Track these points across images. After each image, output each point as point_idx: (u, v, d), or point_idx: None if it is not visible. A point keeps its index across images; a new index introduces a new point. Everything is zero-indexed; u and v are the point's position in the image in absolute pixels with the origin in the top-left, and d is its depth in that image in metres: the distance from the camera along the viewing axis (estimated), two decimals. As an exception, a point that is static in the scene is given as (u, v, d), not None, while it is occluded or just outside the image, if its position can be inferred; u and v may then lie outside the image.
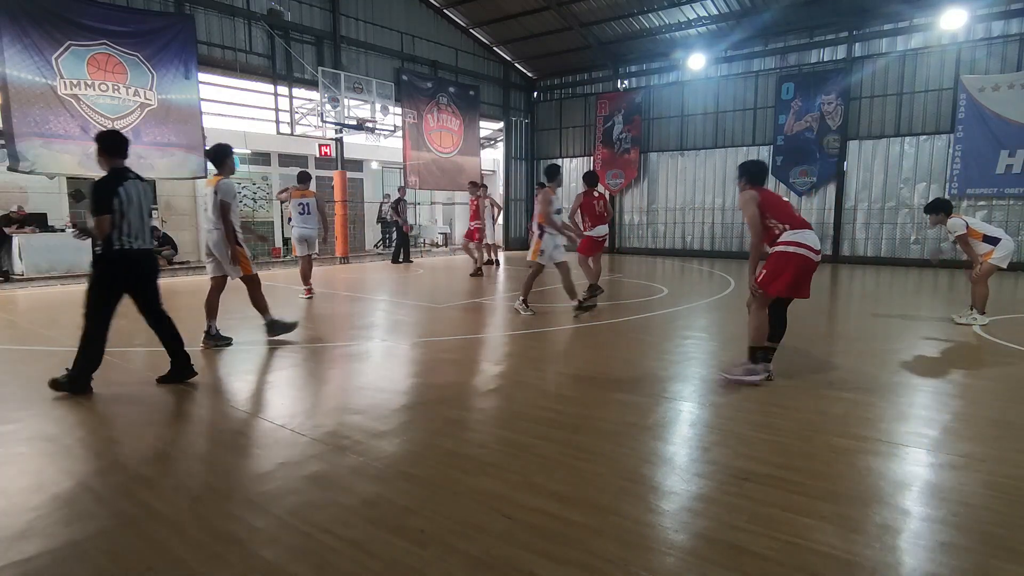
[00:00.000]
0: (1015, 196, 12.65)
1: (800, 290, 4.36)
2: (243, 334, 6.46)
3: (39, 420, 3.78)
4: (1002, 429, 3.59)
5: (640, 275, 12.40)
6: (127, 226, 4.15)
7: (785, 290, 4.27)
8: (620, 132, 18.00)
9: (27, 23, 9.85)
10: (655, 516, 2.56)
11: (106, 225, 4.02)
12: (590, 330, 6.62)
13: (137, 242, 4.23)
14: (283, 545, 2.33)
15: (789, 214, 4.47)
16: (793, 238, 4.29)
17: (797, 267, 4.23)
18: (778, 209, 4.48)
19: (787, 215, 4.45)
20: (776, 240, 4.34)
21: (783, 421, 3.72)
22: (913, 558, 2.25)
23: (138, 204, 4.23)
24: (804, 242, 4.27)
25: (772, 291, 4.29)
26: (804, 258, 4.24)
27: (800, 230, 4.34)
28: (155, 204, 13.55)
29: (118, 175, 4.17)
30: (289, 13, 13.48)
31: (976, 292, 6.69)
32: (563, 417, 3.79)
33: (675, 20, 15.80)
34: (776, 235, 4.36)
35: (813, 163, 14.90)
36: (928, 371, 5.13)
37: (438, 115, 16.80)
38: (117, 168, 4.22)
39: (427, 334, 6.48)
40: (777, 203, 4.56)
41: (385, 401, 4.16)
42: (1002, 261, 6.55)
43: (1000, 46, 12.74)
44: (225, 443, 3.37)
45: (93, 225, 4.07)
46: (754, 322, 4.39)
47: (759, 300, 4.36)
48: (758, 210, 4.39)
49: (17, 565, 2.20)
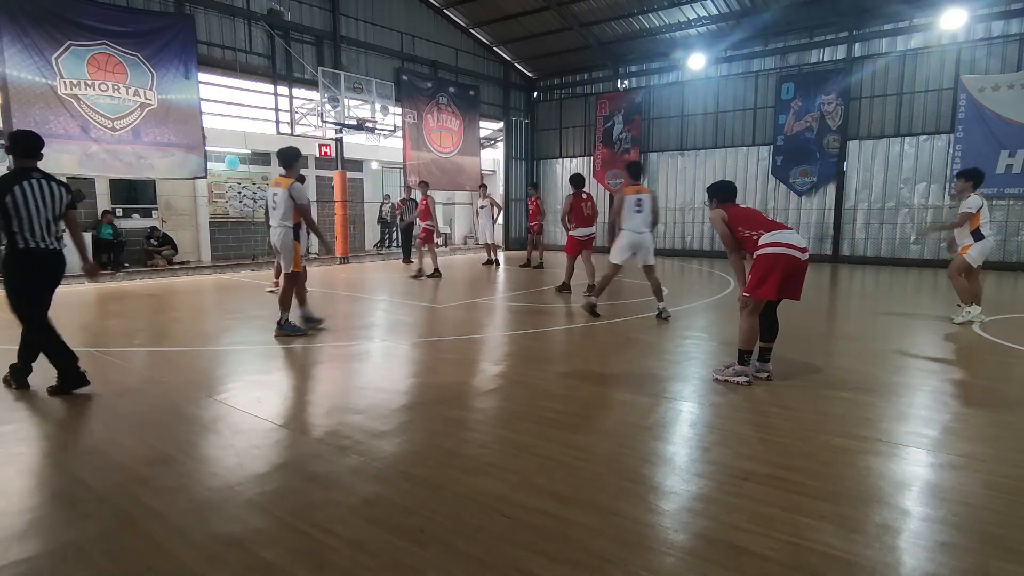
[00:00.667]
0: (1015, 196, 12.65)
1: (790, 290, 4.39)
2: (244, 334, 6.47)
3: (39, 420, 3.78)
4: (1002, 429, 3.60)
5: (640, 275, 12.37)
6: (24, 225, 4.05)
7: (775, 292, 4.30)
8: (620, 132, 18.00)
9: (27, 23, 9.85)
10: (655, 516, 2.56)
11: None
12: (590, 330, 6.63)
13: (42, 243, 4.14)
14: (283, 545, 2.33)
15: (759, 221, 4.57)
16: (773, 239, 4.34)
17: (784, 267, 4.26)
18: (747, 219, 4.59)
19: (757, 222, 4.54)
20: (757, 245, 4.39)
21: (783, 421, 3.72)
22: (913, 558, 2.25)
23: (36, 205, 4.07)
24: (786, 241, 4.32)
25: (762, 294, 4.32)
26: (789, 257, 4.27)
27: (777, 231, 4.40)
28: (155, 204, 13.56)
29: (17, 175, 4.09)
30: (289, 13, 13.48)
31: (957, 286, 6.81)
32: (563, 417, 3.79)
33: (675, 20, 15.80)
34: (755, 241, 4.42)
35: (813, 163, 14.90)
36: (928, 371, 5.13)
37: (438, 115, 16.80)
38: (21, 168, 4.14)
39: (427, 334, 6.48)
40: (746, 214, 4.69)
41: (385, 401, 4.16)
42: (976, 260, 6.67)
43: (1000, 46, 12.74)
44: (225, 443, 3.37)
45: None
46: (745, 326, 4.44)
47: (751, 306, 4.41)
48: (727, 226, 4.57)
49: (17, 565, 2.20)
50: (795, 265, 4.31)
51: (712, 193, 4.83)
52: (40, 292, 4.24)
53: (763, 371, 4.58)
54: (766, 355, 4.60)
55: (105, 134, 10.80)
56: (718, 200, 4.75)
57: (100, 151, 10.77)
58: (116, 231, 12.30)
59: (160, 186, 13.43)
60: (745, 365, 4.45)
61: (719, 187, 4.84)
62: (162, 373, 4.87)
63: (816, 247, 15.06)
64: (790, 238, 4.36)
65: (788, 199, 15.45)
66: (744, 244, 4.53)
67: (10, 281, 4.15)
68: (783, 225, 4.56)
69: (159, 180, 12.86)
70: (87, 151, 10.61)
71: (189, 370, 4.98)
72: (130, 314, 7.71)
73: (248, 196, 15.24)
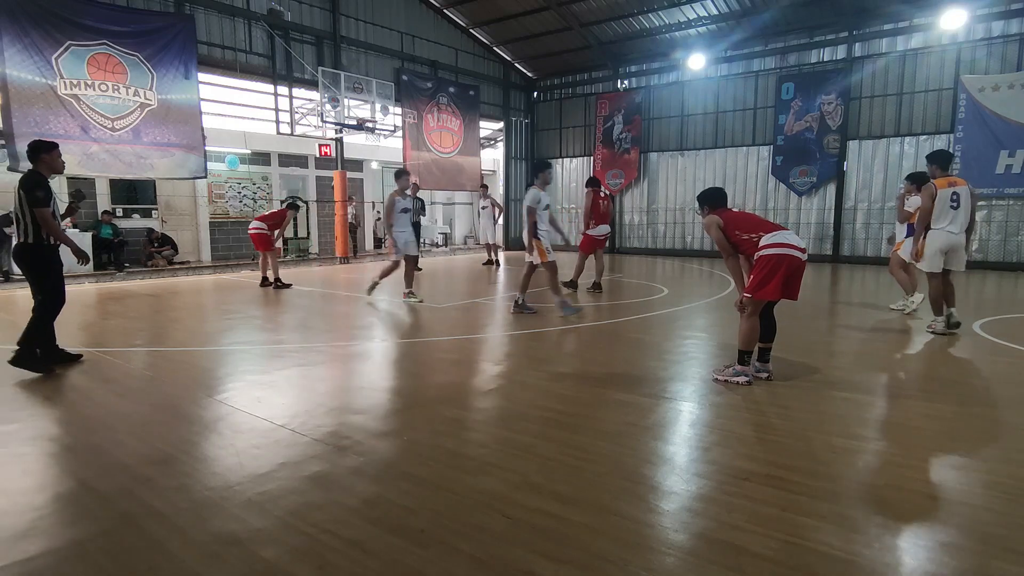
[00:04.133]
0: (1015, 196, 12.65)
1: (790, 291, 4.41)
2: (243, 334, 6.47)
3: (41, 420, 3.78)
4: (1002, 429, 3.60)
5: (640, 275, 12.41)
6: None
7: (778, 292, 4.32)
8: (620, 132, 18.00)
9: (27, 23, 9.86)
10: (655, 516, 2.56)
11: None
12: (590, 330, 6.63)
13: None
14: (283, 545, 2.33)
15: (757, 223, 4.57)
16: (775, 240, 4.35)
17: (787, 267, 4.28)
18: (745, 222, 4.58)
19: (755, 225, 4.54)
20: (758, 247, 4.40)
21: (783, 421, 3.72)
22: (913, 558, 2.25)
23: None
24: (787, 242, 4.33)
25: (765, 295, 4.33)
26: (792, 257, 4.29)
27: (777, 232, 4.41)
28: (155, 204, 13.56)
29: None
30: (289, 13, 13.48)
31: (897, 279, 7.41)
32: (563, 417, 3.79)
33: (675, 20, 15.80)
34: (755, 243, 4.43)
35: (813, 163, 14.91)
36: (928, 371, 5.13)
37: (438, 115, 16.81)
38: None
39: (427, 334, 6.48)
40: (742, 218, 4.68)
41: (385, 401, 4.16)
42: (906, 255, 6.99)
43: (1000, 46, 12.75)
44: (225, 443, 3.38)
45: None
46: (745, 327, 4.45)
47: (752, 307, 4.41)
48: (722, 232, 4.55)
49: (19, 564, 2.20)
50: (797, 265, 4.32)
51: (703, 200, 4.83)
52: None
53: (763, 371, 4.59)
54: (765, 355, 4.61)
55: (105, 134, 10.80)
56: (710, 206, 4.75)
57: (100, 151, 10.77)
58: (116, 231, 12.31)
59: (160, 186, 13.43)
60: (745, 365, 4.47)
61: (711, 194, 4.84)
62: (162, 373, 4.87)
63: (816, 247, 15.07)
64: (791, 238, 4.37)
65: (788, 199, 15.45)
66: (743, 247, 4.52)
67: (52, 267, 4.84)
68: (781, 226, 4.57)
69: (159, 180, 12.87)
70: (87, 151, 10.61)
71: (189, 370, 4.98)
72: (130, 314, 7.71)
73: (248, 196, 15.24)
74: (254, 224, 9.95)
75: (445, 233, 21.19)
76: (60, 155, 4.88)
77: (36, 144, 4.80)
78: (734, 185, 16.11)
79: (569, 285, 9.26)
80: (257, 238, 9.83)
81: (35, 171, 4.74)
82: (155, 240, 13.02)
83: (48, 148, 4.79)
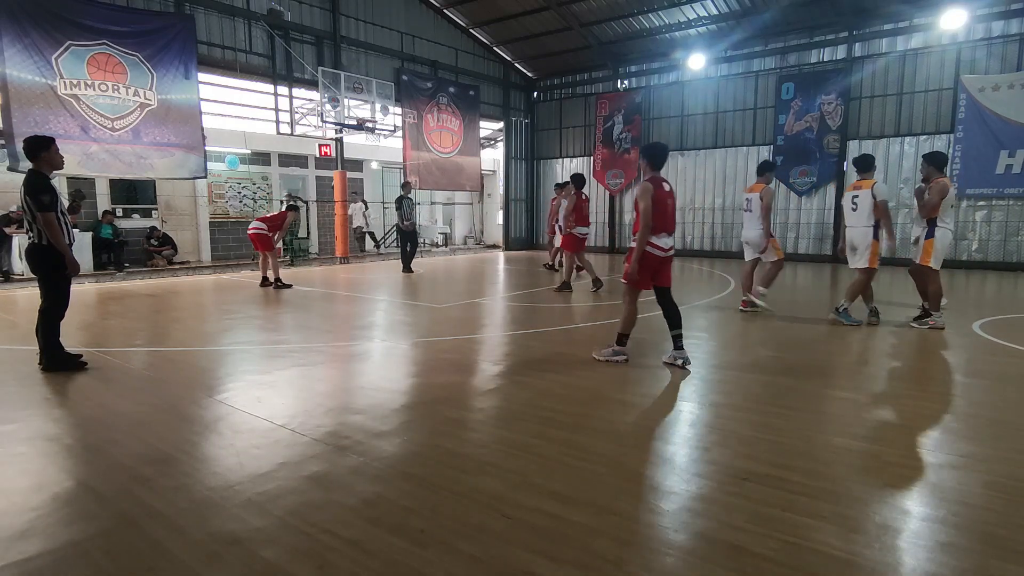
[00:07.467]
0: (1015, 196, 12.64)
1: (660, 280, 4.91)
2: (243, 334, 6.47)
3: (39, 420, 3.78)
4: (1002, 429, 3.60)
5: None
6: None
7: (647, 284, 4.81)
8: (620, 132, 18.00)
9: (27, 23, 9.85)
10: (655, 516, 2.56)
11: None
12: (590, 330, 6.63)
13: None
14: (283, 545, 2.33)
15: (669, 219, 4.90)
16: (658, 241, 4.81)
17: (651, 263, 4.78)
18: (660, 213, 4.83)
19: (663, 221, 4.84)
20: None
21: (783, 421, 3.72)
22: (913, 558, 2.25)
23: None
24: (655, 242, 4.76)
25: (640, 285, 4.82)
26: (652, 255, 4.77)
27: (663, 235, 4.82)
28: (155, 204, 13.56)
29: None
30: (289, 13, 13.48)
31: (931, 291, 6.55)
32: (563, 417, 3.79)
33: (675, 20, 15.80)
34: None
35: (813, 163, 14.90)
36: (928, 371, 5.13)
37: (438, 115, 16.80)
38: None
39: (427, 334, 6.48)
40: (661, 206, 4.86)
41: (385, 401, 4.16)
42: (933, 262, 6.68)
43: (1000, 46, 12.74)
44: (225, 443, 3.37)
45: None
46: (625, 311, 5.00)
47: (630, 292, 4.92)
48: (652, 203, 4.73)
49: (18, 565, 2.20)
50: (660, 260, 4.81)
51: (644, 154, 4.98)
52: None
53: (679, 358, 4.85)
54: (678, 342, 4.92)
55: (105, 134, 10.80)
56: (649, 162, 4.87)
57: (100, 151, 10.77)
58: (116, 231, 12.30)
59: (160, 186, 13.42)
60: (624, 346, 5.06)
61: (654, 149, 4.90)
62: (162, 373, 4.87)
63: (816, 247, 15.07)
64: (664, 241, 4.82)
65: (788, 199, 15.44)
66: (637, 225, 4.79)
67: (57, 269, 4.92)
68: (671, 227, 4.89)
69: (159, 180, 12.86)
70: (87, 151, 10.61)
71: (189, 370, 4.98)
72: (130, 314, 7.71)
73: (248, 196, 15.24)
74: (254, 224, 9.96)
75: (445, 233, 21.18)
76: (58, 149, 4.81)
77: (34, 142, 4.69)
78: (734, 185, 16.11)
79: (563, 287, 9.36)
80: (257, 238, 9.86)
81: (37, 172, 4.68)
82: (156, 238, 13.01)
83: (46, 144, 4.71)
